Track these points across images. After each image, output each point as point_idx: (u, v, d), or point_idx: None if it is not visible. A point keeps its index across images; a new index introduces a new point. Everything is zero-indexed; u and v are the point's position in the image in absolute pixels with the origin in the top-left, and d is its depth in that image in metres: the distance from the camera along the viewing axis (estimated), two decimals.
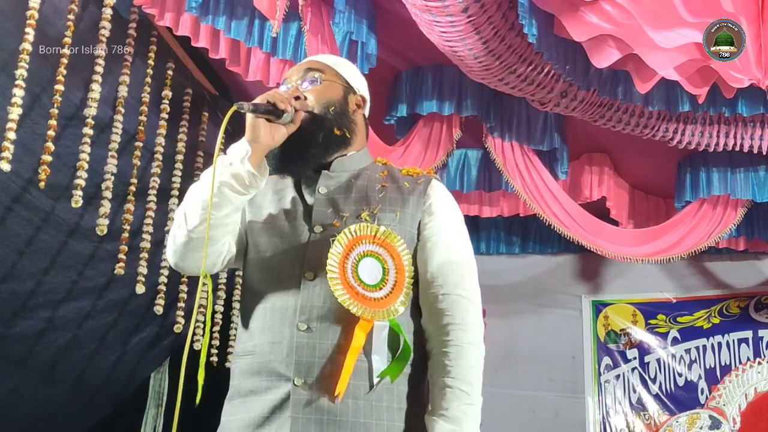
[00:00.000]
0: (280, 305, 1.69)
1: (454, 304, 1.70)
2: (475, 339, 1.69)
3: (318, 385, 1.61)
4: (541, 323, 5.25)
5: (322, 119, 1.78)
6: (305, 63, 1.92)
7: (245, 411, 1.67)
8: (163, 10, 3.20)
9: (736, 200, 4.20)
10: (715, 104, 3.41)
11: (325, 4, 3.31)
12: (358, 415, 1.61)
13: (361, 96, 1.90)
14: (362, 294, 1.63)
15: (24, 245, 3.17)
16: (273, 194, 1.83)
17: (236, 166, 1.66)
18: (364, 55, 3.36)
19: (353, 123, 1.85)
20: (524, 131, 4.03)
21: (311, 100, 1.79)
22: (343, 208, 1.75)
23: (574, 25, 2.89)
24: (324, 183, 1.79)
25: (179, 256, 1.75)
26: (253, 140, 1.67)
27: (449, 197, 1.87)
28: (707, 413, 4.83)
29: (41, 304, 3.41)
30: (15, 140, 2.65)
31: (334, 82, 1.85)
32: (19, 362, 3.58)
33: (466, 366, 1.66)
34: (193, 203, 1.71)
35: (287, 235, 1.76)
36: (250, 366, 1.70)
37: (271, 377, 1.65)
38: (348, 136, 1.83)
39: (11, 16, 2.69)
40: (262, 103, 1.67)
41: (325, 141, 1.78)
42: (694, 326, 5.02)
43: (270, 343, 1.67)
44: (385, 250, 1.67)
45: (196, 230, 1.68)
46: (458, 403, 1.62)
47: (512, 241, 5.33)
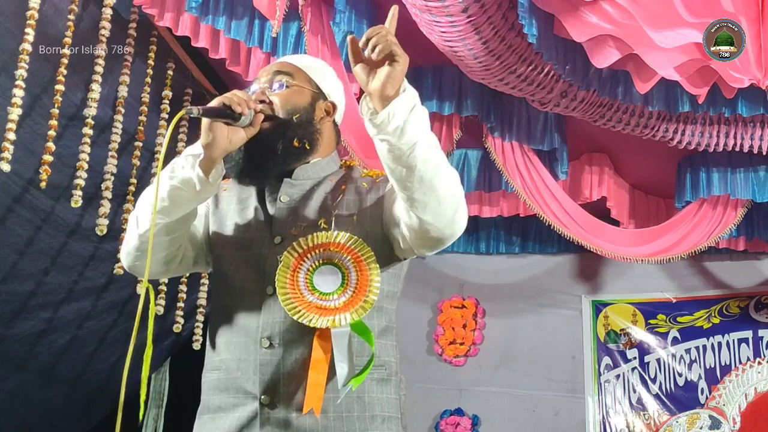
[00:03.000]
0: (244, 322, 1.65)
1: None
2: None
3: (284, 402, 1.58)
4: (540, 323, 5.26)
5: (285, 127, 1.72)
6: (276, 65, 1.85)
7: (213, 428, 1.65)
8: (163, 10, 3.20)
9: (736, 200, 4.20)
10: (715, 104, 3.40)
11: (325, 4, 3.31)
12: (328, 429, 1.57)
13: (332, 102, 1.84)
14: (317, 304, 1.58)
15: (24, 245, 3.17)
16: (237, 204, 1.78)
17: (187, 170, 1.61)
18: None
19: (317, 132, 1.78)
20: (524, 131, 4.03)
21: (276, 105, 1.73)
22: (301, 216, 1.70)
23: (574, 25, 2.89)
24: (285, 191, 1.73)
25: (131, 259, 1.72)
26: (207, 144, 1.61)
27: None
28: (707, 413, 4.83)
29: (41, 304, 3.41)
30: (15, 140, 2.66)
31: (302, 87, 1.78)
32: (19, 363, 3.58)
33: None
34: (144, 207, 1.66)
35: (249, 248, 1.70)
36: (218, 382, 1.67)
37: (238, 394, 1.63)
38: (308, 148, 1.75)
39: (11, 16, 2.69)
40: (215, 107, 1.62)
41: (283, 152, 1.72)
42: (694, 326, 5.02)
43: (236, 359, 1.64)
44: (344, 255, 1.60)
45: (147, 234, 1.61)
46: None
47: (512, 241, 5.33)
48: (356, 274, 1.60)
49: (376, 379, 1.63)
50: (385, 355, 1.67)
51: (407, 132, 1.49)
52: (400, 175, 1.52)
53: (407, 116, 1.49)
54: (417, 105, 1.53)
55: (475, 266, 5.43)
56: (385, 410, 1.64)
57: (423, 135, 1.51)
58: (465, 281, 5.45)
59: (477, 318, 5.37)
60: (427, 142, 1.52)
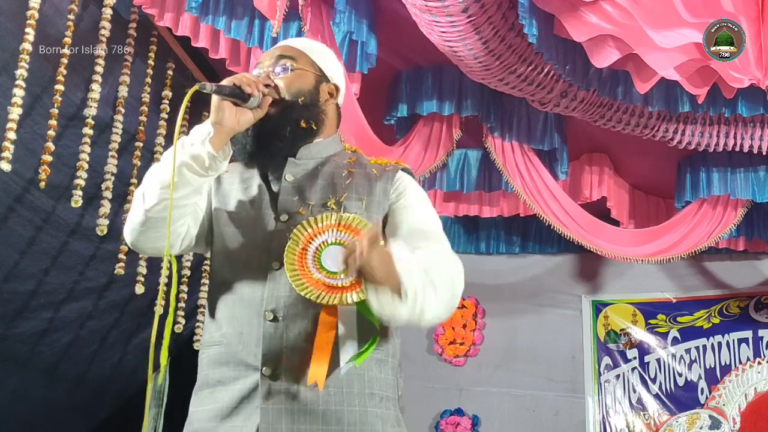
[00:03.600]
0: (248, 295, 1.67)
1: (424, 251, 1.64)
2: (449, 254, 1.68)
3: (286, 374, 1.60)
4: (541, 323, 5.26)
5: (291, 109, 1.75)
6: (278, 48, 1.87)
7: (213, 402, 1.65)
8: (163, 10, 3.20)
9: (736, 200, 4.20)
10: (715, 104, 3.41)
11: (325, 4, 3.31)
12: (329, 403, 1.59)
13: (335, 84, 1.86)
14: (324, 281, 1.60)
15: (25, 245, 3.17)
16: (240, 183, 1.80)
17: (197, 147, 1.64)
18: (364, 55, 3.36)
19: (323, 113, 1.82)
20: (524, 131, 4.03)
21: (281, 88, 1.76)
22: (309, 195, 1.72)
23: (574, 25, 2.89)
24: (290, 170, 1.76)
25: (135, 235, 1.72)
26: (217, 122, 1.65)
27: (417, 185, 1.83)
28: (707, 413, 4.83)
29: (43, 304, 3.42)
30: (15, 140, 2.66)
31: (306, 70, 1.81)
32: (21, 362, 3.58)
33: (434, 257, 1.63)
34: (151, 183, 1.68)
35: (253, 225, 1.73)
36: (218, 356, 1.68)
37: (239, 367, 1.64)
38: (315, 128, 1.79)
39: (11, 16, 2.69)
40: (227, 85, 1.65)
41: (291, 134, 1.75)
42: (694, 326, 5.02)
43: (238, 333, 1.66)
44: (352, 236, 1.61)
45: (153, 210, 1.65)
46: (415, 255, 1.58)
47: (512, 241, 5.33)
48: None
49: (375, 359, 1.66)
50: (389, 337, 1.70)
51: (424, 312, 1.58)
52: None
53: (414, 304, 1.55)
54: (417, 290, 1.55)
55: (475, 266, 5.42)
56: (383, 390, 1.66)
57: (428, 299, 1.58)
58: (465, 281, 5.43)
59: (477, 318, 5.37)
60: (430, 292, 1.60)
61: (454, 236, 5.40)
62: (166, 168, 1.65)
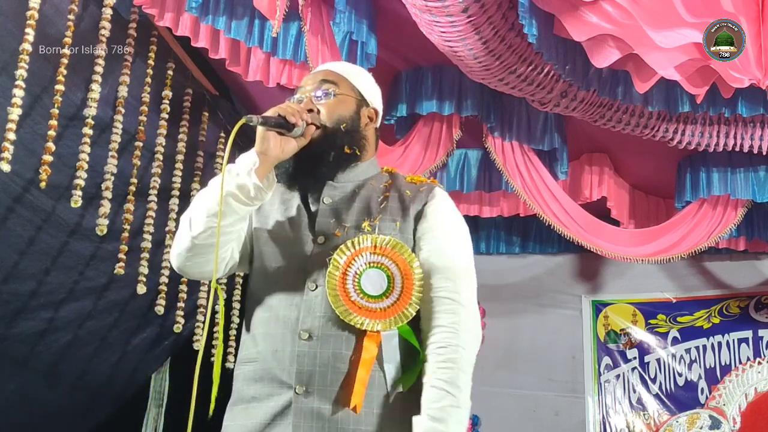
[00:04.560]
0: (283, 314, 1.70)
1: (444, 306, 1.69)
2: (466, 342, 1.67)
3: (319, 393, 1.63)
4: (541, 323, 5.26)
5: (334, 136, 1.79)
6: (321, 73, 1.90)
7: (247, 417, 1.68)
8: (163, 10, 3.20)
9: (736, 200, 4.20)
10: (715, 104, 3.41)
11: (325, 4, 3.31)
12: (359, 423, 1.62)
13: (374, 109, 1.91)
14: (365, 306, 1.66)
15: (25, 245, 3.17)
16: (280, 204, 1.84)
17: (243, 177, 1.68)
18: (364, 55, 3.36)
19: (364, 138, 1.86)
20: (524, 131, 4.03)
21: (324, 115, 1.79)
22: (345, 218, 1.76)
23: (574, 25, 2.89)
24: (328, 193, 1.80)
25: (182, 260, 1.76)
26: (263, 152, 1.68)
27: (449, 204, 1.85)
28: (707, 413, 4.83)
29: (42, 304, 3.42)
30: (15, 140, 2.66)
31: (347, 95, 1.85)
32: (21, 362, 3.58)
33: (455, 369, 1.64)
34: (198, 210, 1.72)
35: (291, 245, 1.77)
36: (253, 373, 1.71)
37: (272, 384, 1.67)
38: (358, 153, 1.83)
39: (11, 16, 2.69)
40: (272, 116, 1.68)
41: (336, 160, 1.79)
42: (694, 326, 5.02)
43: (272, 351, 1.69)
44: (388, 259, 1.68)
45: (200, 237, 1.69)
46: (443, 404, 1.61)
47: (512, 241, 5.33)
48: (401, 278, 1.69)
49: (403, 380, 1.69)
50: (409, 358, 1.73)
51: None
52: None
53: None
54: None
55: (475, 266, 5.41)
56: (408, 412, 1.66)
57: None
58: None
59: None
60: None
61: None
62: (213, 197, 1.68)
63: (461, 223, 1.85)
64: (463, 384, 1.64)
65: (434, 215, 1.78)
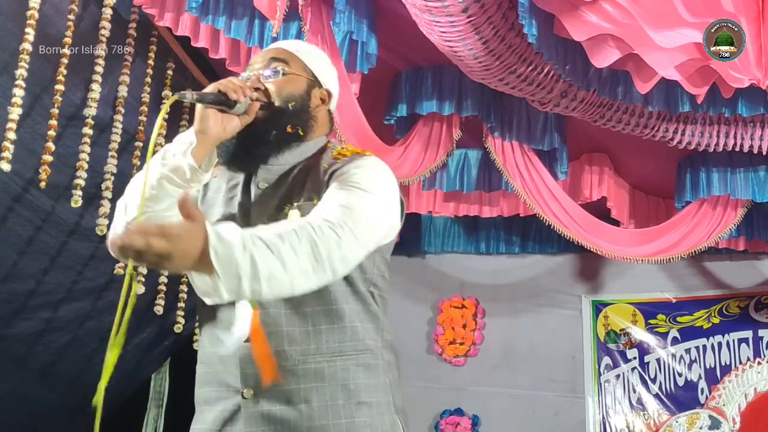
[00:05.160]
0: (224, 315, 1.61)
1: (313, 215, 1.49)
2: (323, 239, 1.41)
3: (267, 395, 1.55)
4: (540, 323, 5.26)
5: (280, 115, 1.68)
6: (271, 50, 1.79)
7: (202, 422, 1.63)
8: (163, 10, 3.20)
9: (736, 200, 4.20)
10: (715, 104, 3.40)
11: (325, 4, 3.31)
12: (312, 419, 1.54)
13: (327, 90, 1.78)
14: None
15: (24, 245, 3.17)
16: (226, 192, 1.73)
17: (178, 158, 1.58)
18: (364, 55, 3.36)
19: (312, 119, 1.74)
20: (524, 131, 4.03)
21: (272, 92, 1.69)
22: (271, 203, 1.64)
23: (574, 24, 2.89)
24: (263, 177, 1.69)
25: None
26: (201, 131, 1.58)
27: (367, 166, 1.64)
28: (707, 413, 4.83)
29: (41, 304, 3.41)
30: (15, 140, 2.66)
31: (298, 75, 1.74)
32: (19, 362, 3.58)
33: (303, 234, 1.40)
34: (132, 193, 1.63)
35: None
36: (204, 375, 1.66)
37: (221, 388, 1.61)
38: (301, 134, 1.70)
39: (12, 16, 2.69)
40: (210, 92, 1.59)
41: (276, 138, 1.68)
42: (694, 326, 5.02)
43: (218, 353, 1.61)
44: None
45: (134, 222, 1.58)
46: (280, 234, 1.38)
47: (512, 241, 5.33)
48: None
49: (361, 365, 1.60)
50: (368, 338, 1.62)
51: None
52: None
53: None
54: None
55: (475, 266, 5.42)
56: (373, 395, 1.60)
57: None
58: (465, 281, 5.45)
59: (477, 318, 5.36)
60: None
61: (454, 236, 5.41)
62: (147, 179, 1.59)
63: (374, 179, 1.61)
64: (298, 250, 1.38)
65: (340, 175, 1.60)
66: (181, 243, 1.27)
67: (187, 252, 1.28)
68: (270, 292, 1.37)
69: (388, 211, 1.61)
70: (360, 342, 1.61)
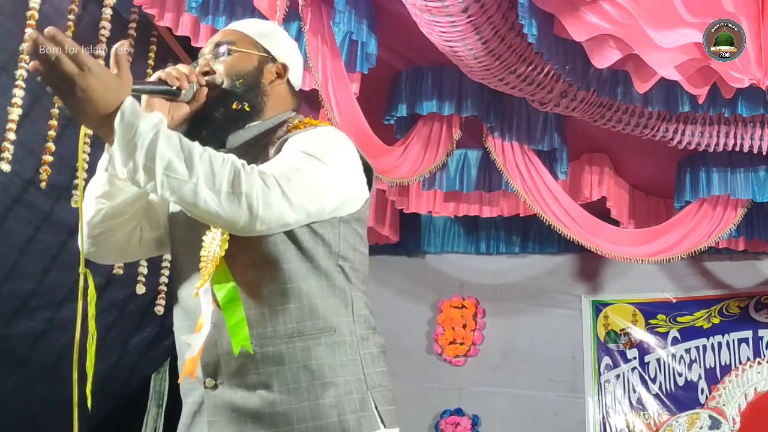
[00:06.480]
0: (188, 305, 1.61)
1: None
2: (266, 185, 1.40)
3: (228, 383, 1.52)
4: (540, 323, 5.26)
5: (228, 93, 1.65)
6: (219, 34, 1.77)
7: (183, 415, 1.62)
8: (163, 10, 3.20)
9: (736, 200, 4.20)
10: (715, 104, 3.40)
11: (325, 4, 3.31)
12: (275, 404, 1.49)
13: (282, 64, 1.74)
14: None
15: (24, 245, 3.17)
16: None
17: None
18: (364, 55, 3.36)
19: (265, 95, 1.69)
20: (524, 131, 4.03)
21: (220, 73, 1.66)
22: None
23: (574, 25, 2.89)
24: None
25: (87, 247, 1.65)
26: None
27: (324, 135, 1.60)
28: (707, 413, 4.83)
29: (42, 304, 3.42)
30: (15, 140, 2.66)
31: (246, 51, 1.70)
32: (20, 362, 3.58)
33: (234, 171, 1.38)
34: (87, 194, 1.62)
35: (191, 230, 1.60)
36: (179, 369, 1.65)
37: (188, 380, 1.59)
38: (247, 110, 1.66)
39: (11, 16, 2.69)
40: (150, 81, 1.56)
41: (222, 117, 1.64)
42: (694, 326, 5.02)
43: (185, 344, 1.59)
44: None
45: (93, 221, 1.60)
46: (190, 153, 1.36)
47: (512, 241, 5.33)
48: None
49: (324, 343, 1.53)
50: (332, 315, 1.56)
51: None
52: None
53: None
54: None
55: (475, 266, 5.43)
56: (339, 374, 1.53)
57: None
58: (465, 281, 5.45)
59: (477, 318, 5.37)
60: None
61: (453, 236, 5.41)
62: (99, 178, 1.59)
63: (330, 150, 1.56)
64: (213, 174, 1.36)
65: (295, 142, 1.57)
66: (90, 78, 1.29)
67: (92, 90, 1.30)
68: (167, 185, 1.34)
69: (342, 183, 1.56)
70: (320, 320, 1.54)
